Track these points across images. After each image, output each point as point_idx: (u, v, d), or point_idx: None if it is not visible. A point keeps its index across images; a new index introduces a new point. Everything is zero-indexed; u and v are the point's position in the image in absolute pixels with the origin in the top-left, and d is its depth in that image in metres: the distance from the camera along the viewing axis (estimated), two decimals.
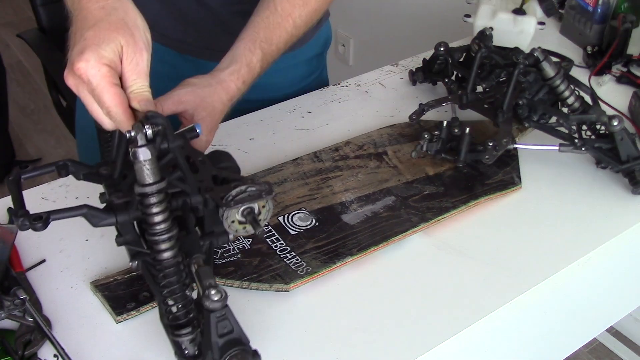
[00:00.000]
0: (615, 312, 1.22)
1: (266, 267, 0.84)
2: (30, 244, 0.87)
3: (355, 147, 1.05)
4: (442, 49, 1.14)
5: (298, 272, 0.84)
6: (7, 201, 0.82)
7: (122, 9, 0.71)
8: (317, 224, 0.91)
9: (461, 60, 1.16)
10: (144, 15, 0.88)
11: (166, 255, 0.68)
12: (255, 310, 0.80)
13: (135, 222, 0.73)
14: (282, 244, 0.88)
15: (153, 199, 0.66)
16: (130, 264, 0.74)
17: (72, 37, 0.70)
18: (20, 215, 0.66)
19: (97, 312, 0.79)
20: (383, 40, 2.28)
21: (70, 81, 0.69)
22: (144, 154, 0.64)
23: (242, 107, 0.95)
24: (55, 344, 0.72)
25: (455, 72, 1.15)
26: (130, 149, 0.64)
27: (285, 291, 0.83)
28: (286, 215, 0.92)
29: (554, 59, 1.04)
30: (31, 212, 0.68)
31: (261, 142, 1.07)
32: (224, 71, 0.88)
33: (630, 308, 1.26)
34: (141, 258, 0.74)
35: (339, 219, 0.92)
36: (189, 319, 0.70)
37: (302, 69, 1.23)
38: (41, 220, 0.66)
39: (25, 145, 2.63)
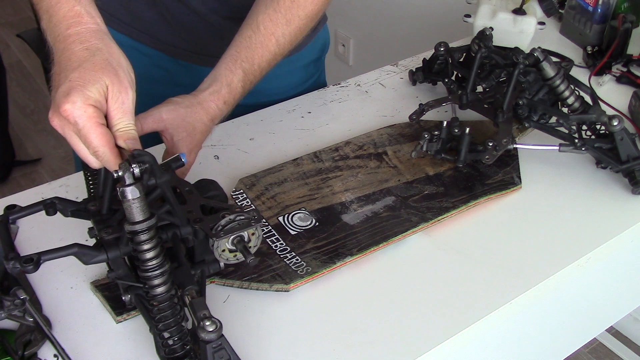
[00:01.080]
0: (615, 312, 1.22)
1: (266, 267, 0.84)
2: (30, 244, 0.86)
3: (355, 147, 1.05)
4: (442, 49, 1.14)
5: (298, 272, 0.84)
6: (7, 201, 0.82)
7: (105, 49, 0.71)
8: (317, 224, 0.91)
9: (461, 60, 1.16)
10: (138, 21, 0.87)
11: (160, 290, 0.68)
12: (255, 310, 0.80)
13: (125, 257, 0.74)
14: (282, 244, 0.88)
15: (143, 236, 0.67)
16: (123, 298, 0.75)
17: (56, 78, 0.70)
18: (11, 258, 0.67)
19: (97, 312, 0.79)
20: (383, 40, 2.28)
21: (55, 122, 0.69)
22: (132, 193, 0.64)
23: (238, 112, 0.95)
24: (55, 344, 0.72)
25: (455, 72, 1.15)
26: (118, 189, 0.64)
27: (285, 291, 0.83)
28: (286, 215, 0.92)
29: (554, 59, 1.04)
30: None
31: (261, 142, 1.07)
32: (205, 91, 0.89)
33: (630, 308, 1.26)
34: (134, 292, 0.75)
35: (339, 219, 0.92)
36: (186, 351, 0.70)
37: (299, 75, 1.23)
38: (32, 263, 0.67)
39: (25, 145, 2.63)
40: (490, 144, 0.99)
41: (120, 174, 0.64)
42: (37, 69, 2.92)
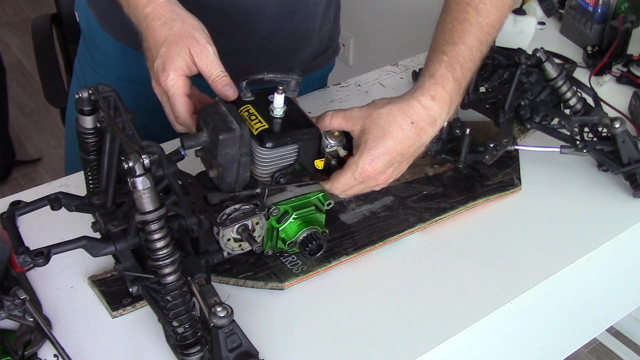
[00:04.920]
0: (615, 312, 1.22)
1: (262, 265, 0.85)
2: (30, 244, 0.86)
3: None
4: None
5: (293, 270, 0.84)
6: (8, 201, 0.82)
7: (179, 18, 0.81)
8: None
9: None
10: (123, 21, 0.89)
11: (170, 278, 0.69)
12: (250, 308, 0.80)
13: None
14: None
15: (154, 226, 0.67)
16: (131, 290, 0.76)
17: (149, 53, 0.83)
18: (21, 252, 0.68)
19: (98, 312, 0.79)
20: (383, 40, 2.28)
21: (157, 90, 0.83)
22: (142, 183, 0.65)
23: None
24: (55, 344, 0.72)
25: None
26: (128, 179, 0.65)
27: (280, 289, 0.83)
28: None
29: (557, 61, 1.04)
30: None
31: None
32: (409, 92, 0.80)
33: (630, 308, 1.26)
34: (141, 283, 0.76)
35: (337, 218, 0.92)
36: (197, 338, 0.71)
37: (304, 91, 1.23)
38: (42, 256, 0.68)
39: (25, 145, 2.63)
40: (492, 145, 0.98)
41: (130, 164, 0.64)
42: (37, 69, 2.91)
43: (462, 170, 1.01)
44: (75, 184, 0.95)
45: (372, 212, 0.93)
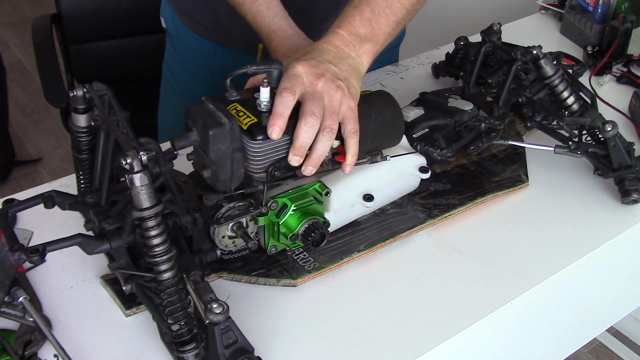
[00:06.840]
0: (615, 312, 1.22)
1: (274, 262, 0.85)
2: (30, 244, 0.87)
3: None
4: (461, 42, 1.14)
5: (305, 267, 0.84)
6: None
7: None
8: None
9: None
10: (209, 19, 0.89)
11: (167, 275, 0.69)
12: (263, 304, 0.81)
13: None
14: None
15: (151, 222, 0.67)
16: (124, 288, 0.76)
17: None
18: (16, 249, 0.67)
19: (98, 312, 0.79)
20: None
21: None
22: (140, 180, 0.65)
23: None
24: (55, 344, 0.72)
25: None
26: (126, 176, 0.65)
27: (292, 286, 0.83)
28: None
29: (565, 63, 1.03)
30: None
31: None
32: None
33: (630, 308, 1.26)
34: (135, 281, 0.75)
35: None
36: (193, 335, 0.71)
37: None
38: (38, 253, 0.68)
39: (25, 145, 2.63)
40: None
41: (129, 161, 0.64)
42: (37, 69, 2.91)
43: (469, 167, 1.01)
44: (75, 184, 0.95)
45: (382, 209, 0.94)
